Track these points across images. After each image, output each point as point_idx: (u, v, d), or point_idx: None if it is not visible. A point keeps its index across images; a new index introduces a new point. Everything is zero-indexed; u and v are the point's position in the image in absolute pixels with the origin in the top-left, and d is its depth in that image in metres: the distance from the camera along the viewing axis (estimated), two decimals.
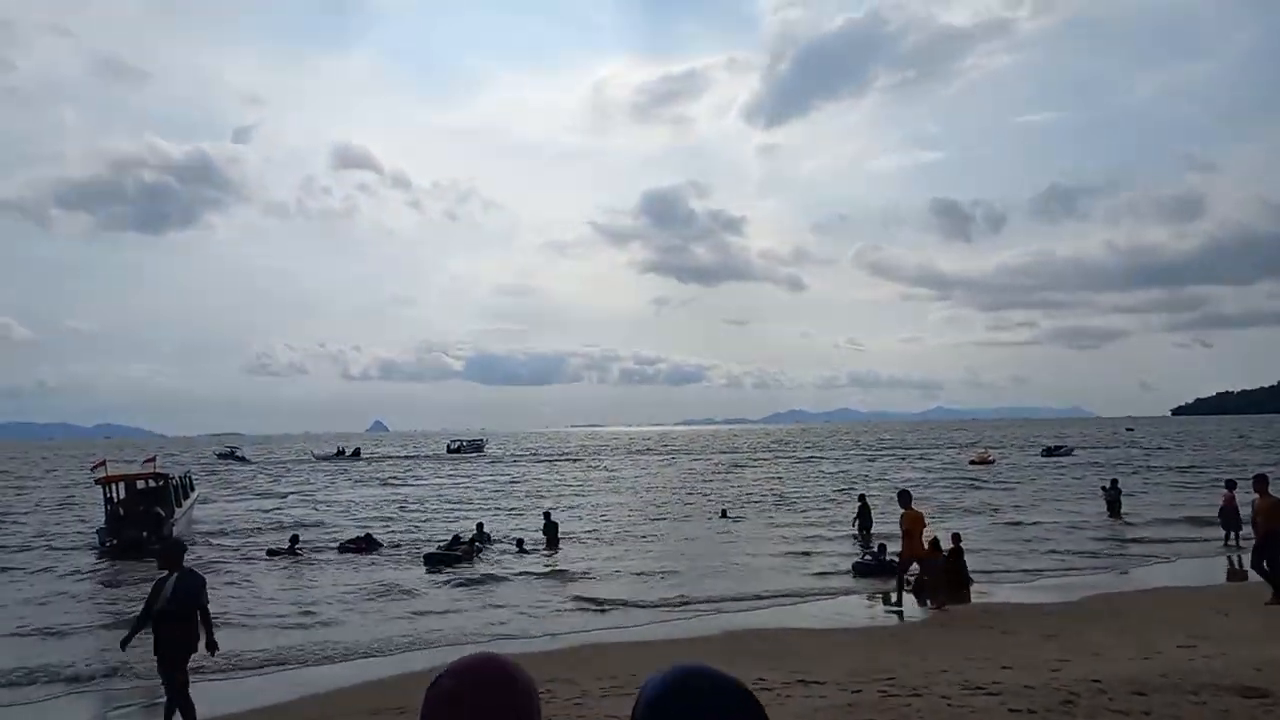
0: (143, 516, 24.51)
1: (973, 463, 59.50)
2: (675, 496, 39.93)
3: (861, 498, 26.33)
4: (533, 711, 1.41)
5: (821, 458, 74.93)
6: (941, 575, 16.41)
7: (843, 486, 42.23)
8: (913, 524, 15.08)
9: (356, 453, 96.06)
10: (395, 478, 58.69)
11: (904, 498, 15.55)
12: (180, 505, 27.14)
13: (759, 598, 16.46)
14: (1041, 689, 8.41)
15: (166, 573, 8.81)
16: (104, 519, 25.12)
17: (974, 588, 16.69)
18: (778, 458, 76.66)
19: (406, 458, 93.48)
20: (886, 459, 70.53)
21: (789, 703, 8.69)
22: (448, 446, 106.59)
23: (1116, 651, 10.79)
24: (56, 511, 37.72)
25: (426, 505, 37.89)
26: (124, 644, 8.83)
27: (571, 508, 34.25)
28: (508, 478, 57.38)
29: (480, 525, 24.74)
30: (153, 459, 28.44)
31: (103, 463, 26.96)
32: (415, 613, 15.74)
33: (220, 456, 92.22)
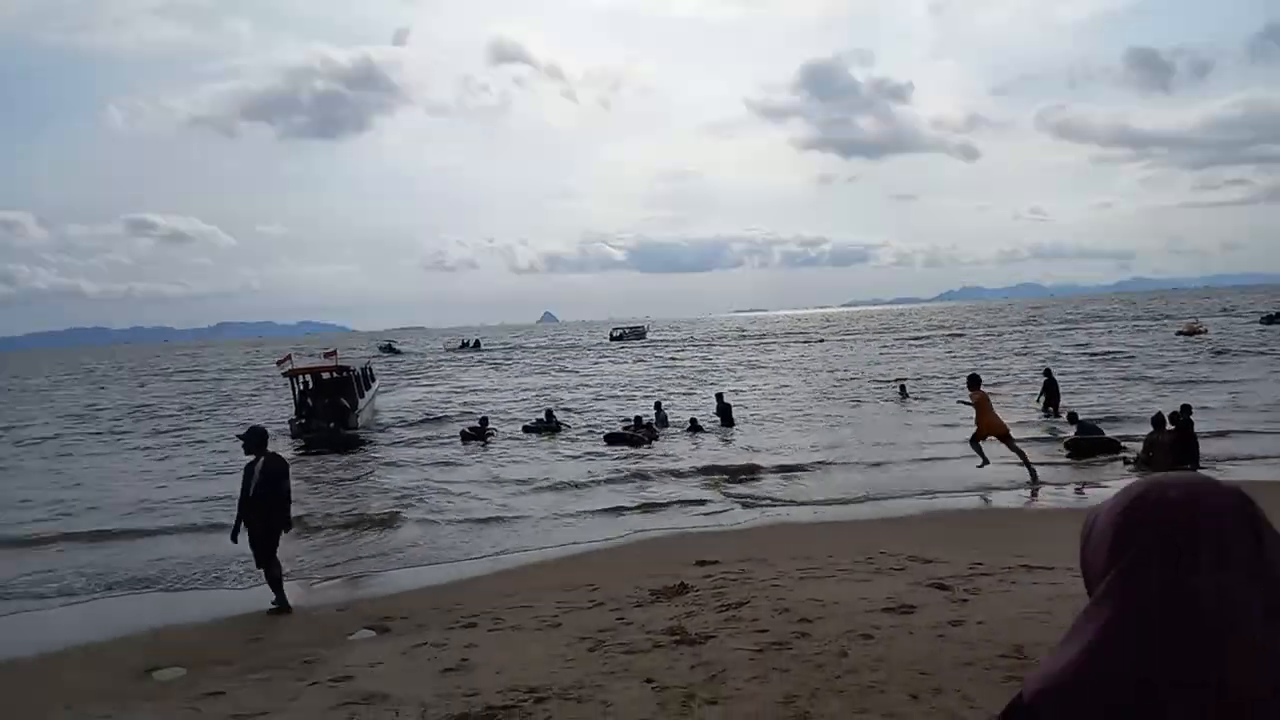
0: (329, 408, 25.13)
1: (1181, 334, 54.45)
2: (847, 377, 38.66)
3: (1047, 372, 24.64)
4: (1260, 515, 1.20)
5: (1003, 334, 70.83)
6: (1167, 450, 14.91)
7: (1029, 365, 39.54)
8: (980, 402, 15.21)
9: (476, 344, 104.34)
10: (564, 365, 60.17)
11: (972, 381, 15.67)
12: (363, 396, 27.90)
13: (954, 493, 15.38)
14: None
15: (253, 459, 9.23)
16: (293, 411, 26.22)
17: (1210, 466, 15.03)
18: (954, 335, 73.10)
19: (572, 345, 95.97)
20: (1079, 333, 65.78)
21: (1015, 589, 7.92)
22: (610, 334, 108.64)
23: None
24: (250, 404, 40.43)
25: (596, 390, 38.47)
26: (234, 536, 9.33)
27: (741, 390, 33.75)
28: (672, 362, 57.61)
29: (658, 405, 24.72)
30: (333, 352, 28.93)
31: (288, 357, 27.70)
32: (601, 502, 15.72)
33: (381, 349, 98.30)
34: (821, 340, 77.12)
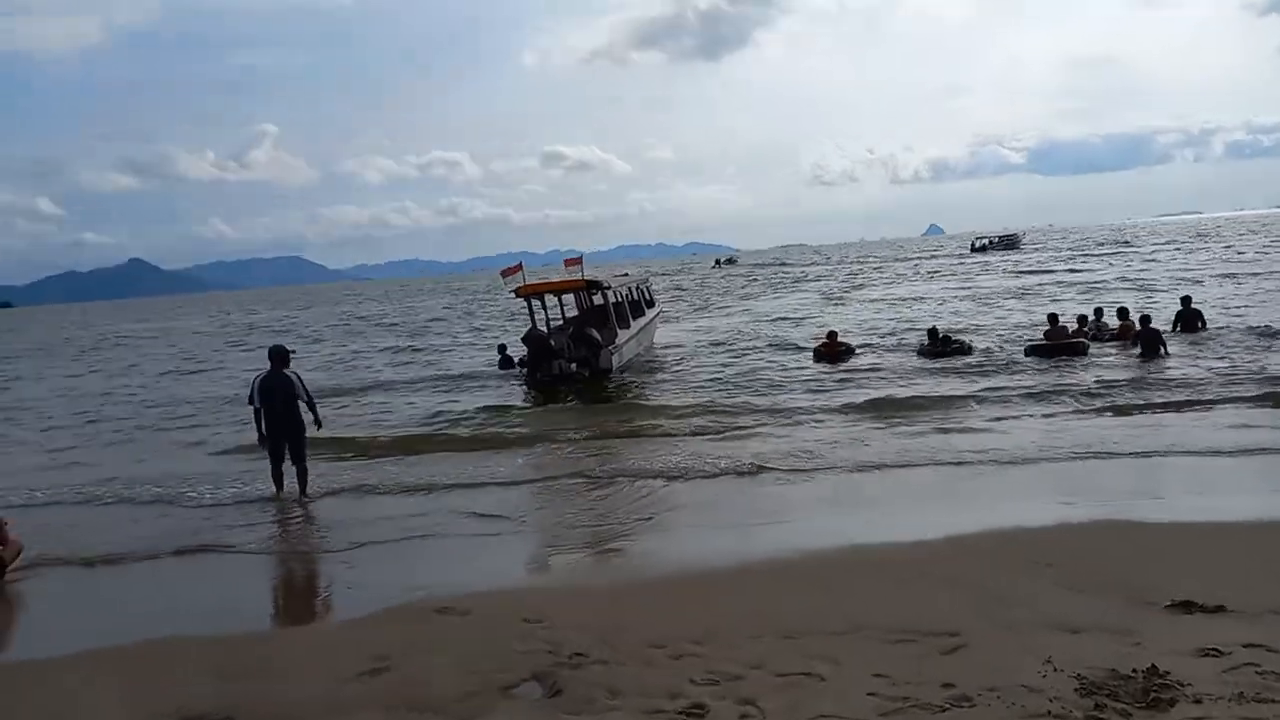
0: (573, 340, 18.37)
1: None
2: None
3: None
4: None
5: None
6: None
7: None
8: None
9: (731, 260, 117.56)
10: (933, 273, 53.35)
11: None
12: (628, 326, 20.53)
13: None
14: None
15: (263, 373, 10.27)
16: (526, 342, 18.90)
17: None
18: None
19: (925, 258, 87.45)
20: None
21: None
22: (971, 245, 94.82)
23: None
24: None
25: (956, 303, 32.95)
26: (260, 440, 10.21)
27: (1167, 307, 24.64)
28: (1067, 271, 47.81)
29: (1124, 311, 18.88)
30: (577, 261, 19.63)
31: (518, 267, 19.24)
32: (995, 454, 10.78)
33: (716, 263, 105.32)
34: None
